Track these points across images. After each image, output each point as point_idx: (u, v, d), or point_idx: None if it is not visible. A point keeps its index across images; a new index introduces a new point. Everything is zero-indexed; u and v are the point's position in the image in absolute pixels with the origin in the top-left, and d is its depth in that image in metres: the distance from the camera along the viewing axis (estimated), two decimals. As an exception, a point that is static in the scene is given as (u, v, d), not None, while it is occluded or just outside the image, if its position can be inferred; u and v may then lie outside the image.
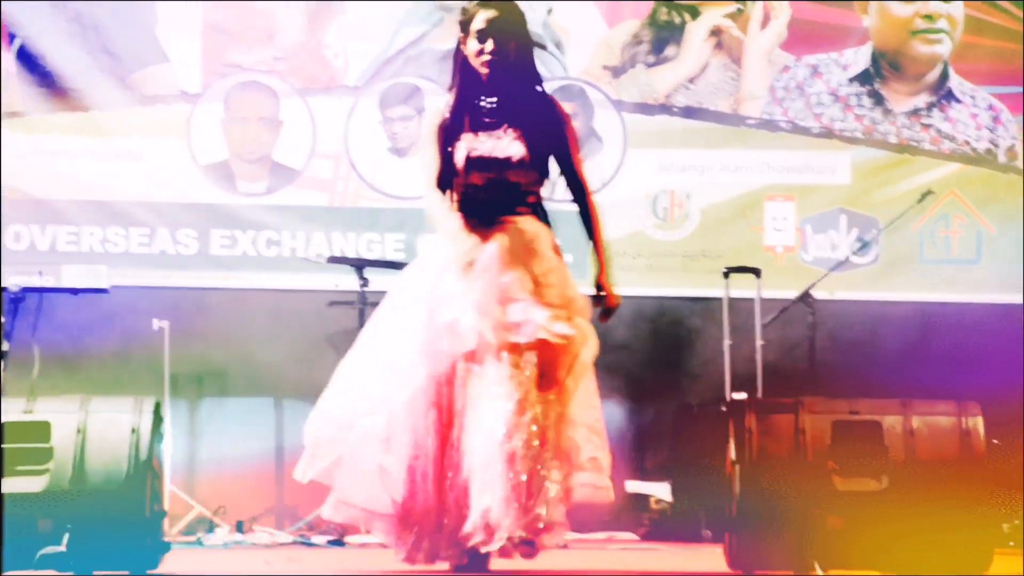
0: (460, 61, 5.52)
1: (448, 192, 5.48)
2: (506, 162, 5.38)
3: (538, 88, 5.50)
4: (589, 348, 5.41)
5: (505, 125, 5.42)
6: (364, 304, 8.78)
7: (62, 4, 9.25)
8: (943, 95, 9.63)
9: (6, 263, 8.70)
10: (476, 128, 5.44)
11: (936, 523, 6.30)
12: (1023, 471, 8.14)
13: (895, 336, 9.47)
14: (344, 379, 5.48)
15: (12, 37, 9.20)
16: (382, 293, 8.90)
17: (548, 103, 5.52)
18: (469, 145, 5.41)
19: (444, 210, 5.39)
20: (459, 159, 5.37)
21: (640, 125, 9.60)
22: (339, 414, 5.38)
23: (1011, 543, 8.53)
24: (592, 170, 9.51)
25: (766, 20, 9.59)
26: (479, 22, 5.41)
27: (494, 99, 5.40)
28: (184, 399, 9.10)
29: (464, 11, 5.48)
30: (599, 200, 9.36)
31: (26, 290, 8.13)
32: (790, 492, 6.45)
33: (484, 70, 5.43)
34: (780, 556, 6.43)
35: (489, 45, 5.38)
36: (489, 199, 5.39)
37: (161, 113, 9.35)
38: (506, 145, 5.38)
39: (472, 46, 5.43)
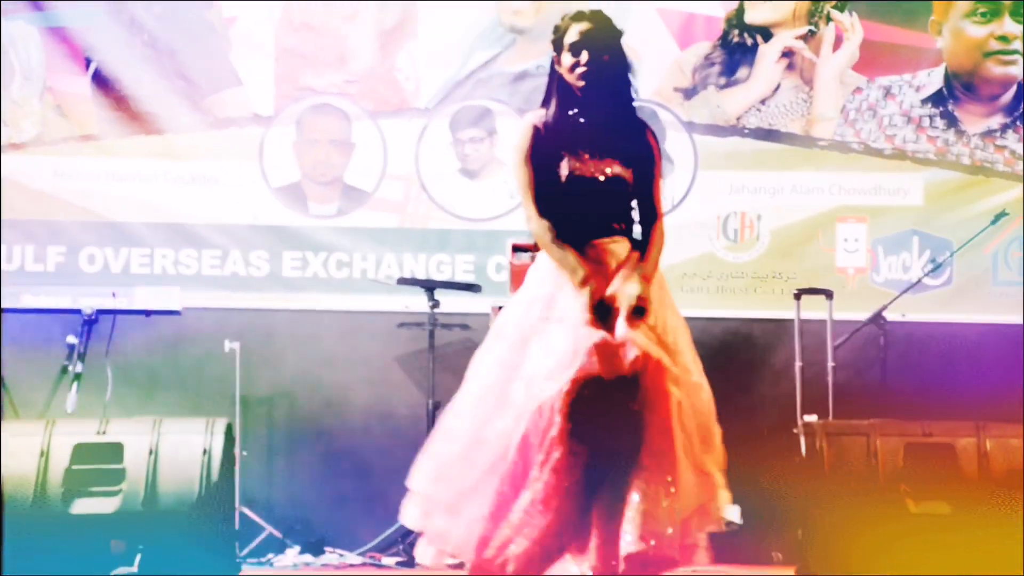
0: (555, 79, 5.35)
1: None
2: (607, 183, 5.27)
3: (633, 107, 5.36)
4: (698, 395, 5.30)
5: (604, 145, 5.27)
6: (434, 325, 8.81)
7: (137, 28, 9.34)
8: (1017, 116, 9.55)
9: (81, 284, 8.79)
10: (575, 147, 5.27)
11: (1007, 545, 6.26)
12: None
13: (968, 359, 9.38)
14: (453, 422, 5.26)
15: (88, 61, 9.30)
16: (452, 314, 9.01)
17: (642, 127, 5.40)
18: (570, 164, 5.24)
19: (550, 234, 5.23)
20: (559, 177, 5.23)
21: (711, 147, 9.57)
22: (449, 460, 5.19)
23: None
24: (663, 191, 9.50)
25: (838, 42, 9.55)
26: (572, 35, 5.29)
27: (590, 117, 5.28)
28: (255, 421, 9.14)
29: (556, 27, 5.36)
30: (670, 222, 9.44)
31: (100, 312, 8.22)
32: (863, 514, 6.42)
33: (579, 83, 5.26)
34: (851, 579, 6.40)
35: (584, 57, 5.23)
36: (587, 220, 5.27)
37: (234, 136, 9.41)
38: (606, 166, 5.27)
39: (566, 60, 5.28)
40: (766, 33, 9.57)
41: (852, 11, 9.53)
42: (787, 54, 9.57)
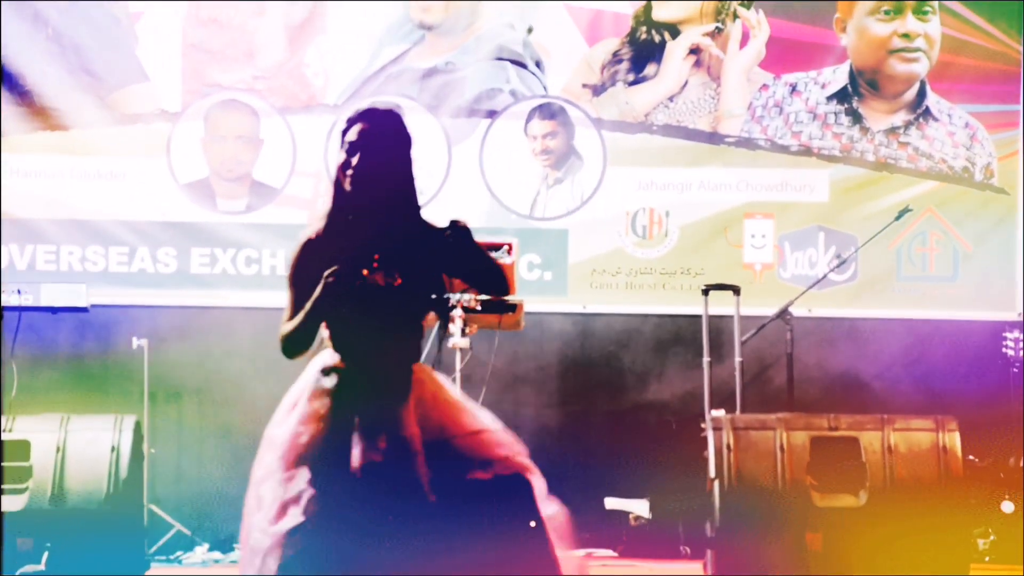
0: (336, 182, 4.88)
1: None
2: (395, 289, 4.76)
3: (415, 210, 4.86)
4: None
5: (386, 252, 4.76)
6: (344, 322, 8.77)
7: (41, 23, 9.26)
8: (921, 113, 9.66)
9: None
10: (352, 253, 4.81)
11: (914, 539, 6.33)
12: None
13: (873, 353, 9.50)
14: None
15: (-9, 56, 9.21)
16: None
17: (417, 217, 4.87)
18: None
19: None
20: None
21: (620, 143, 9.62)
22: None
23: (987, 558, 8.56)
24: (573, 188, 9.55)
25: (745, 39, 9.62)
26: (352, 134, 4.76)
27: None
28: (164, 417, 9.08)
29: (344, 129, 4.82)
30: (581, 218, 9.48)
31: (5, 309, 8.13)
32: (769, 508, 6.47)
33: (348, 187, 4.79)
34: (760, 572, 6.45)
35: (355, 160, 4.74)
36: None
37: (141, 132, 9.35)
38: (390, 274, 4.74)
39: (340, 158, 4.80)
40: (674, 30, 9.63)
41: (758, 8, 9.61)
42: (695, 51, 9.63)
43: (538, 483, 4.69)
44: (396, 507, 4.53)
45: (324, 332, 4.81)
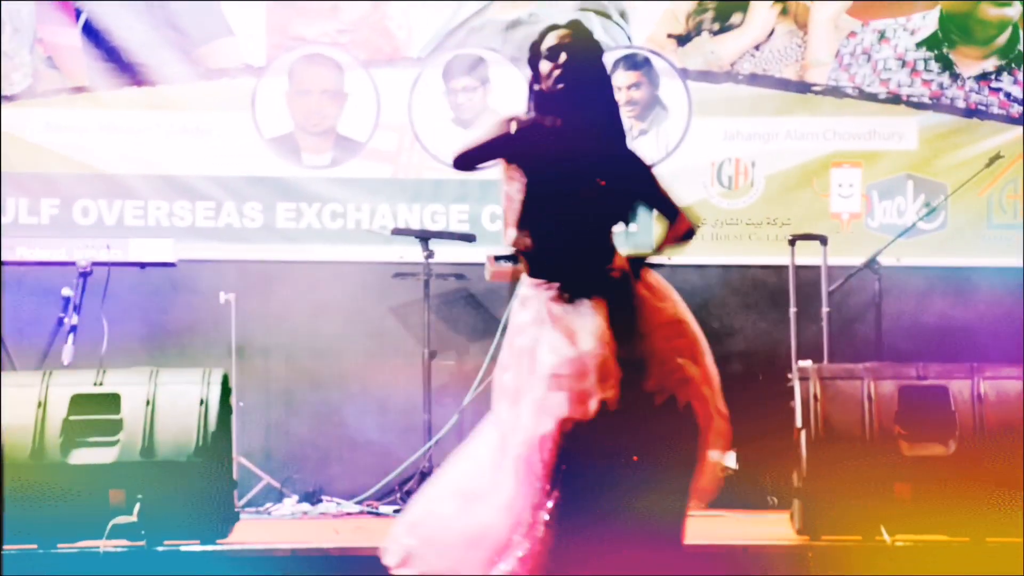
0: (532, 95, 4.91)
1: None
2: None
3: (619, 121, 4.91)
4: None
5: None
6: (429, 275, 8.81)
7: (126, -20, 9.31)
8: (1012, 58, 9.53)
9: (75, 236, 8.78)
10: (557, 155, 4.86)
11: (1003, 487, 6.27)
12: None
13: (962, 302, 9.40)
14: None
15: (78, 12, 9.26)
16: (447, 264, 9.01)
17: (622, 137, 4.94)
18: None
19: None
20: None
21: (705, 93, 9.55)
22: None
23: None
24: (658, 139, 9.50)
25: (831, -15, 9.53)
26: (551, 40, 4.84)
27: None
28: (252, 371, 9.14)
29: (532, 43, 4.89)
30: (665, 169, 9.44)
31: (95, 264, 8.21)
32: (857, 458, 6.43)
33: (558, 86, 4.82)
34: (848, 522, 6.41)
35: (562, 58, 4.79)
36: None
37: (226, 87, 9.39)
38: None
39: (544, 67, 4.83)
40: (760, -22, 9.55)
41: (846, -45, 9.51)
42: (781, -1, 9.55)
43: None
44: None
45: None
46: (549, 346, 4.68)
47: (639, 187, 4.86)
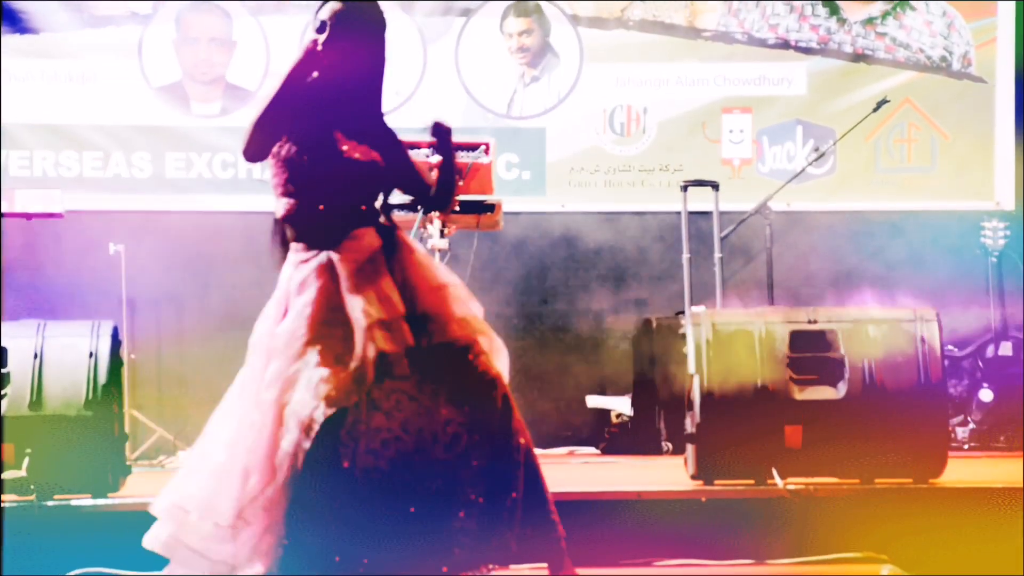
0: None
1: None
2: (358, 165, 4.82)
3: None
4: None
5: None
6: (321, 224, 8.74)
7: (8, -76, 9.14)
8: (898, 3, 9.60)
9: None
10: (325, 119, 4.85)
11: (893, 430, 6.35)
12: None
13: (852, 246, 9.50)
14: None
15: (-42, -40, 9.09)
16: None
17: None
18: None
19: None
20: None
21: (596, 40, 9.55)
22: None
23: (966, 447, 8.61)
24: (549, 86, 9.49)
25: (720, -70, 9.55)
26: (324, 12, 4.79)
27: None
28: (144, 324, 9.06)
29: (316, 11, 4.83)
30: (556, 116, 9.43)
31: (-22, 216, 8.08)
32: (749, 403, 6.48)
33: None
34: (740, 466, 6.46)
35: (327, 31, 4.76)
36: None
37: (112, 34, 9.25)
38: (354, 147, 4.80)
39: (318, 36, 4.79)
40: (649, -76, 9.54)
41: (734, -101, 9.52)
42: (670, -55, 9.55)
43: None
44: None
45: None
46: (305, 315, 4.68)
47: (388, 160, 4.80)
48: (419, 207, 5.13)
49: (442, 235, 7.18)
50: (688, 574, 5.83)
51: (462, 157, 7.27)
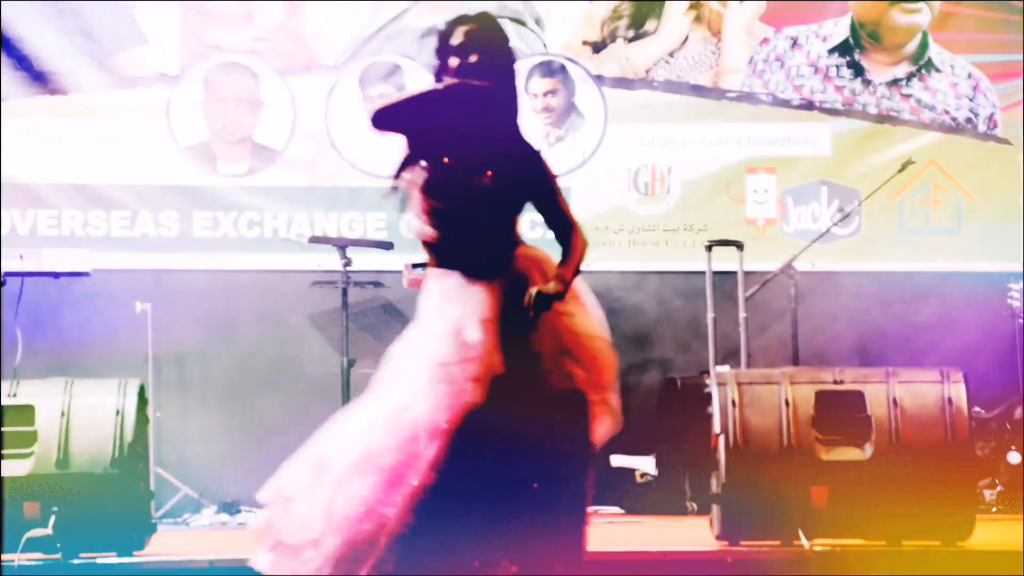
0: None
1: None
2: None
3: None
4: None
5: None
6: (347, 283, 8.77)
7: (39, -14, 9.22)
8: (923, 65, 9.63)
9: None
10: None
11: (919, 491, 6.33)
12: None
13: (877, 306, 9.49)
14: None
15: (-11, 21, 9.17)
16: (365, 272, 8.98)
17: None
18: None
19: None
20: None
21: (621, 100, 9.59)
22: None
23: (993, 509, 8.57)
24: (574, 145, 9.53)
25: (745, -7, 9.59)
26: (458, 37, 4.70)
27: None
28: (169, 381, 9.08)
29: (440, 33, 4.75)
30: (581, 176, 9.46)
31: (7, 274, 8.11)
32: (774, 463, 6.47)
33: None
34: (766, 527, 6.45)
35: (473, 58, 4.66)
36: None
37: (141, 95, 9.32)
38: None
39: (453, 63, 4.70)
40: (674, -14, 9.60)
41: (758, -37, 9.57)
42: (694, 6, 9.59)
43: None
44: None
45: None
46: (437, 334, 4.67)
47: (534, 189, 4.82)
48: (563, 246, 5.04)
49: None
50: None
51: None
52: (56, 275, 8.32)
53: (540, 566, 4.54)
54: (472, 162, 4.69)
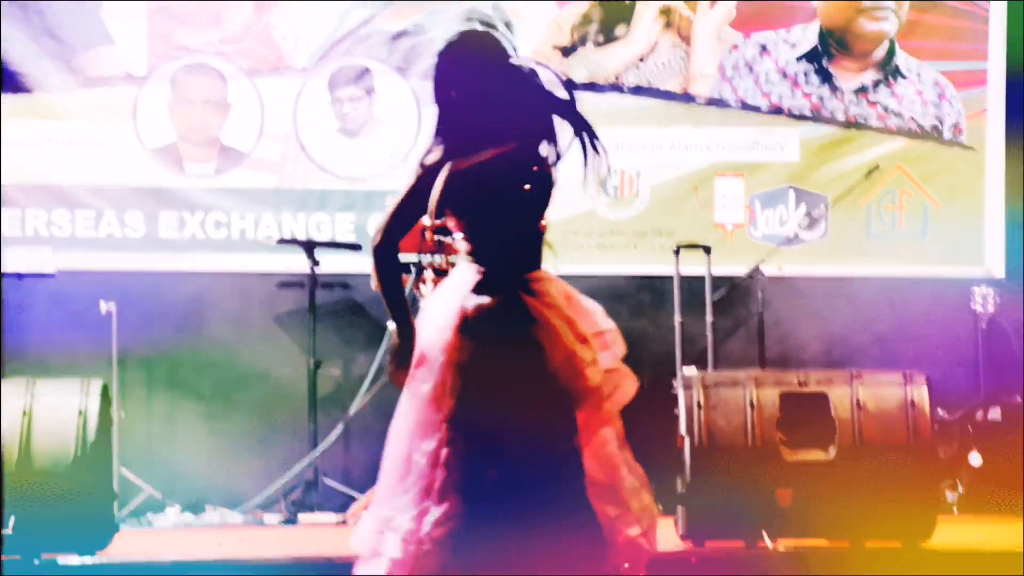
0: None
1: None
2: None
3: None
4: None
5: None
6: (314, 285, 8.78)
7: (4, -14, 9.19)
8: (890, 72, 9.66)
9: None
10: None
11: (882, 492, 6.35)
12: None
13: (843, 310, 9.52)
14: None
15: (-46, 20, 9.13)
16: (333, 275, 8.98)
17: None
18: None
19: None
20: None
21: (590, 104, 9.54)
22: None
23: (955, 510, 8.60)
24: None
25: (714, -2, 9.62)
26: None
27: None
28: (134, 382, 9.04)
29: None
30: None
31: (-29, 274, 8.09)
32: (739, 464, 6.49)
33: None
34: (730, 528, 6.46)
35: None
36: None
37: (106, 96, 9.29)
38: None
39: None
40: (643, -9, 9.61)
41: (728, -32, 9.60)
42: (664, 11, 9.61)
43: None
44: None
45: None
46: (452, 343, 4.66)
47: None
48: None
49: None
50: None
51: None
52: (20, 276, 8.29)
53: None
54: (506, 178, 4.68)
